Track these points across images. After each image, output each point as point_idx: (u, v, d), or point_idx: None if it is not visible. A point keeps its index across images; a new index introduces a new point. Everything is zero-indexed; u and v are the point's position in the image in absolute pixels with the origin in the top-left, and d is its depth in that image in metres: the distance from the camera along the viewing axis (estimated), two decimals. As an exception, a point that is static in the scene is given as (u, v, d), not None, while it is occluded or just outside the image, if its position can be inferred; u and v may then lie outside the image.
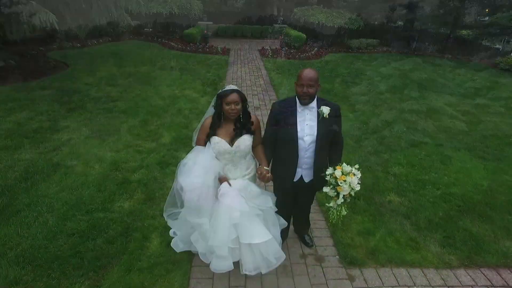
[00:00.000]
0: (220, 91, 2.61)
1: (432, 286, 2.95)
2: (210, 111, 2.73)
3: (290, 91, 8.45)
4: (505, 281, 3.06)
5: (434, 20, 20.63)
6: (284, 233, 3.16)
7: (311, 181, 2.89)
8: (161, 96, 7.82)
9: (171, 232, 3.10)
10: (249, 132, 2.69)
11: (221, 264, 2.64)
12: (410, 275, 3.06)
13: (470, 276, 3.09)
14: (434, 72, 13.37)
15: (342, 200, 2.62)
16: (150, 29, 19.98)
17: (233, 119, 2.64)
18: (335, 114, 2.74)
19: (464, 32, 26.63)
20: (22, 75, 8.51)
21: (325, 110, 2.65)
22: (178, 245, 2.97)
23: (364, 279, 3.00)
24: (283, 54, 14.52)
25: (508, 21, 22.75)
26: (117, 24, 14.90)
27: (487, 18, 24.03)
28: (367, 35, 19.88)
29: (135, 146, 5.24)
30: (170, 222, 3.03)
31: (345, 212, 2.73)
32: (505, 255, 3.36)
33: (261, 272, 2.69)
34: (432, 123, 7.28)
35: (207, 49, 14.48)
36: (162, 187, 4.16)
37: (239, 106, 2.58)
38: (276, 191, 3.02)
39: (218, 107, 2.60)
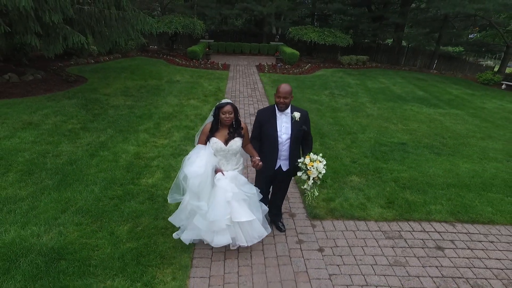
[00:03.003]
0: (218, 103, 3.33)
1: (370, 231, 4.16)
2: (210, 118, 3.42)
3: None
4: (423, 228, 4.28)
5: (420, 38, 22.16)
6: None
7: (288, 170, 3.71)
8: (169, 104, 9.12)
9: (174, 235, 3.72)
10: (239, 135, 3.39)
11: (220, 239, 3.33)
12: (356, 224, 4.28)
13: (399, 225, 4.30)
14: (416, 86, 14.67)
15: (312, 182, 3.47)
16: (155, 46, 21.59)
17: (227, 125, 3.35)
18: (304, 118, 3.57)
19: (450, 49, 28.30)
20: (48, 87, 9.87)
21: (297, 114, 3.50)
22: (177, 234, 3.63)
23: (323, 226, 4.21)
24: (278, 70, 15.87)
25: (491, 40, 24.44)
26: (127, 42, 16.43)
27: (472, 36, 25.71)
28: (358, 51, 21.39)
29: (152, 142, 6.49)
30: (170, 218, 3.62)
31: (317, 193, 3.66)
32: (428, 213, 4.57)
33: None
34: (401, 127, 8.55)
35: (209, 65, 15.88)
36: (176, 170, 5.38)
37: (232, 115, 3.28)
38: (259, 179, 3.88)
39: (216, 115, 3.31)
